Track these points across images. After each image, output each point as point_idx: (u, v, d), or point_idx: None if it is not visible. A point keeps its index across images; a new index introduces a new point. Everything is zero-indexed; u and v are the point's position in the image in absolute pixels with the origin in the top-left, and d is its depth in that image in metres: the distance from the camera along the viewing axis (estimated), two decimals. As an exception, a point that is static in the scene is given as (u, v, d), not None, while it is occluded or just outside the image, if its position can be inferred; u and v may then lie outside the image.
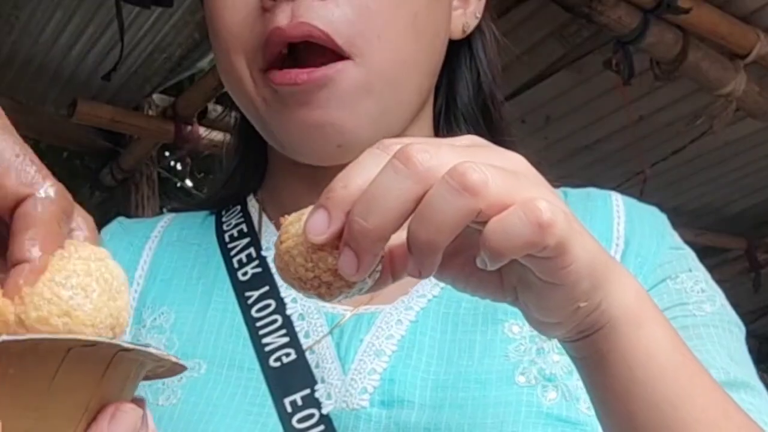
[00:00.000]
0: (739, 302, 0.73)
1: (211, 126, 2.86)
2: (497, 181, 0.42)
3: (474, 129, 0.76)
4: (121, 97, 2.97)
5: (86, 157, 3.61)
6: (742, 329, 0.71)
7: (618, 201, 0.75)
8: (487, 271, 0.44)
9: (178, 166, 4.04)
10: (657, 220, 0.75)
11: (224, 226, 0.77)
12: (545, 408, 0.62)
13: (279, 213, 0.56)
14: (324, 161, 0.68)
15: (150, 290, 0.74)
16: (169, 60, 2.83)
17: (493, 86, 0.78)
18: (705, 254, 0.77)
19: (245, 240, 0.75)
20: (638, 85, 2.50)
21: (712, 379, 0.52)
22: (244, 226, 0.76)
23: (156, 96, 3.09)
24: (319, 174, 0.66)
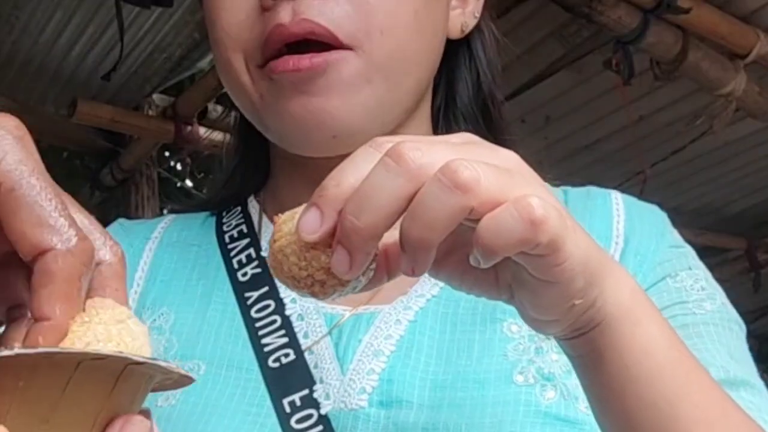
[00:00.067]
0: (739, 302, 0.72)
1: (211, 126, 2.86)
2: (489, 179, 0.42)
3: (474, 128, 0.76)
4: (121, 97, 2.97)
5: (86, 157, 3.61)
6: (743, 327, 0.70)
7: (618, 199, 0.75)
8: (482, 269, 0.44)
9: (178, 167, 4.04)
10: (657, 219, 0.74)
11: (224, 227, 0.77)
12: (544, 407, 0.62)
13: (278, 213, 0.56)
14: (318, 152, 0.68)
15: (150, 291, 0.74)
16: (169, 60, 2.83)
17: (493, 86, 0.78)
18: (705, 254, 0.77)
19: (245, 240, 0.75)
20: (638, 85, 2.50)
21: (709, 377, 0.52)
22: (244, 226, 0.76)
23: (156, 96, 3.10)
24: (319, 174, 0.66)
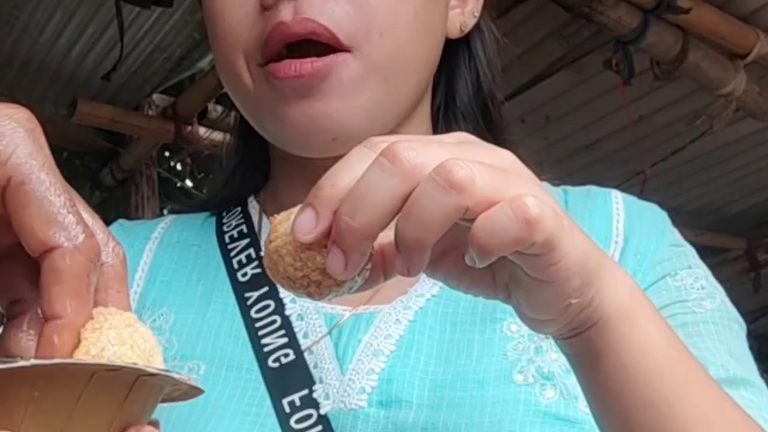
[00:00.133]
0: (739, 302, 0.72)
1: (211, 126, 2.86)
2: (484, 178, 0.42)
3: (473, 128, 0.76)
4: (121, 97, 2.97)
5: (86, 157, 3.60)
6: (743, 326, 0.70)
7: (618, 198, 0.75)
8: (479, 269, 0.44)
9: (178, 167, 4.04)
10: (657, 218, 0.74)
11: (224, 227, 0.77)
12: (543, 406, 0.61)
13: (278, 213, 0.56)
14: (317, 153, 0.68)
15: (150, 291, 0.74)
16: (169, 60, 2.83)
17: (493, 86, 0.78)
18: (705, 254, 0.77)
19: (245, 241, 0.75)
20: (638, 85, 2.50)
21: (708, 376, 0.52)
22: (244, 227, 0.76)
23: (156, 96, 3.10)
24: (318, 174, 0.66)
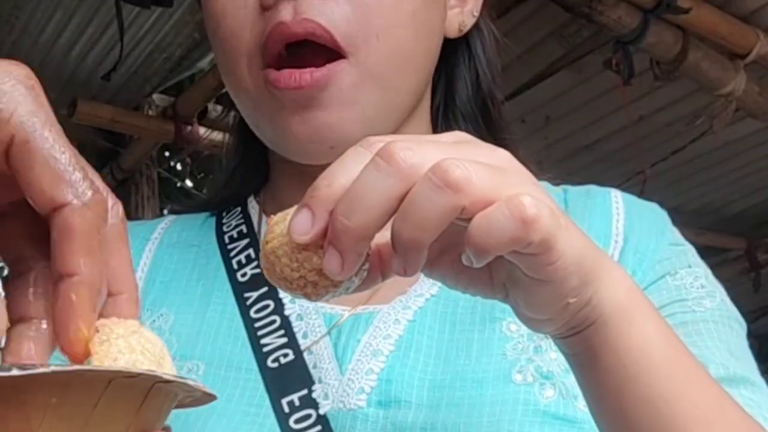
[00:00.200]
0: (739, 302, 0.72)
1: (211, 126, 2.86)
2: (481, 177, 0.42)
3: (473, 128, 0.76)
4: (121, 97, 2.97)
5: (86, 157, 3.59)
6: (743, 325, 0.70)
7: (617, 198, 0.75)
8: (477, 268, 0.44)
9: (178, 167, 4.03)
10: (657, 217, 0.74)
11: (224, 228, 0.77)
12: (542, 406, 0.61)
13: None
14: (315, 161, 0.69)
15: (149, 292, 0.74)
16: (169, 60, 2.83)
17: (492, 85, 0.78)
18: (705, 254, 0.77)
19: (245, 241, 0.75)
20: (638, 85, 2.50)
21: (708, 375, 0.52)
22: (243, 227, 0.76)
23: (156, 96, 3.09)
24: (317, 176, 0.66)
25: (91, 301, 0.37)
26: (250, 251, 0.73)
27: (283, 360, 0.66)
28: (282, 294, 0.70)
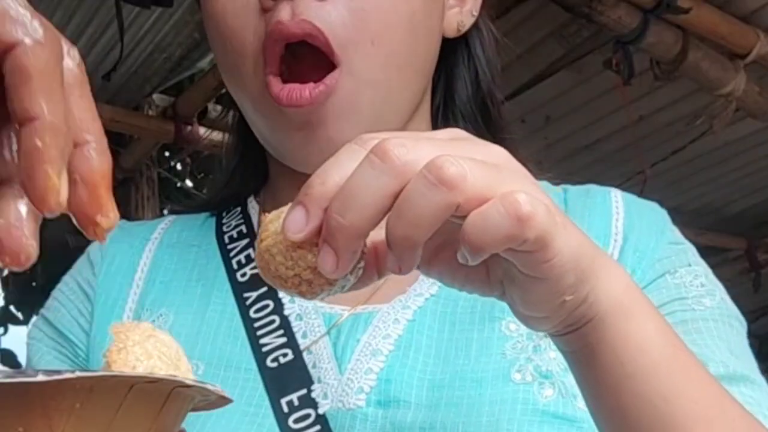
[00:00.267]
0: (739, 302, 0.72)
1: (211, 126, 2.86)
2: (476, 175, 0.41)
3: (473, 127, 0.76)
4: (121, 97, 2.97)
5: (86, 157, 3.59)
6: (743, 323, 0.70)
7: (617, 197, 0.75)
8: (473, 266, 0.44)
9: (178, 167, 4.03)
10: (656, 216, 0.74)
11: (224, 228, 0.77)
12: (541, 405, 0.61)
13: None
14: (314, 170, 0.69)
15: (149, 292, 0.74)
16: (169, 60, 2.83)
17: (492, 85, 0.78)
18: (705, 254, 0.77)
19: (244, 241, 0.75)
20: (638, 85, 2.49)
21: (707, 372, 0.52)
22: (243, 227, 0.76)
23: (156, 96, 3.09)
24: None
25: (58, 146, 0.33)
26: (250, 251, 0.74)
27: (282, 360, 0.66)
28: (282, 294, 0.70)
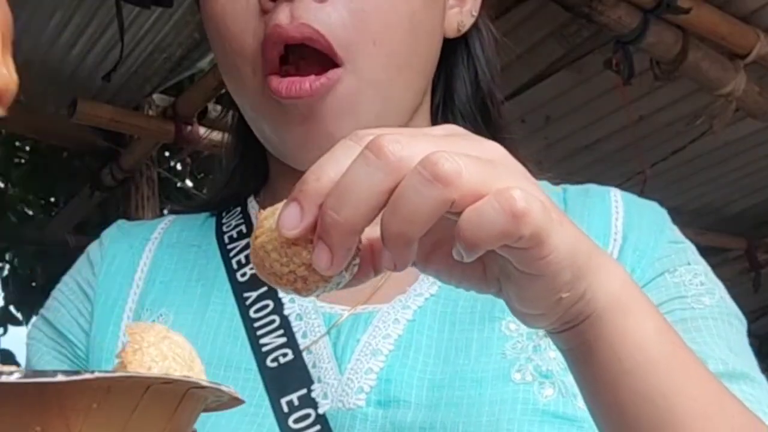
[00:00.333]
0: (739, 302, 0.72)
1: (211, 126, 2.86)
2: (471, 171, 0.41)
3: (472, 126, 0.76)
4: (121, 97, 2.97)
5: (86, 157, 3.60)
6: (743, 322, 0.70)
7: (617, 197, 0.75)
8: (470, 263, 0.44)
9: (178, 167, 4.04)
10: (656, 215, 0.74)
11: (224, 228, 0.77)
12: (541, 405, 0.61)
13: None
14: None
15: (149, 292, 0.74)
16: (169, 60, 2.83)
17: (492, 85, 0.78)
18: (705, 254, 0.77)
19: (244, 241, 0.75)
20: (638, 85, 2.50)
21: (706, 369, 0.52)
22: (243, 227, 0.76)
23: (156, 96, 3.10)
24: None
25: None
26: (250, 251, 0.73)
27: (282, 360, 0.66)
28: (282, 294, 0.70)
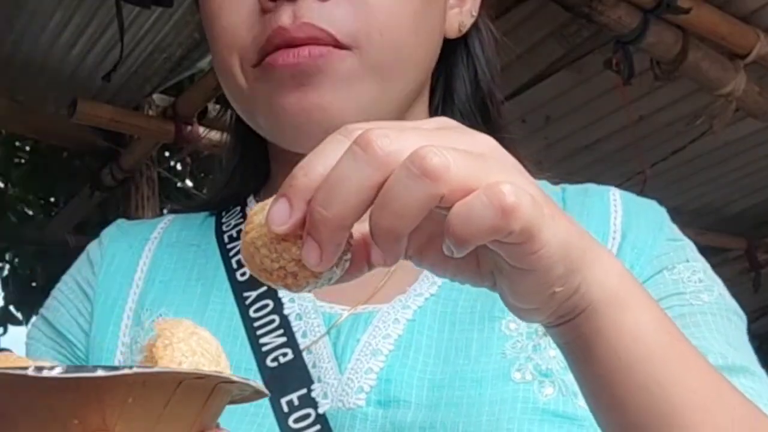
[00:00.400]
0: (739, 302, 0.72)
1: (211, 126, 2.87)
2: (459, 165, 0.41)
3: (472, 126, 0.76)
4: (121, 97, 2.97)
5: (86, 157, 3.61)
6: (743, 318, 0.70)
7: (615, 195, 0.75)
8: (464, 257, 0.43)
9: (178, 167, 4.04)
10: (655, 213, 0.74)
11: (224, 227, 0.77)
12: (542, 404, 0.61)
13: None
14: (309, 148, 0.68)
15: (149, 292, 0.74)
16: (169, 60, 2.83)
17: (492, 84, 0.78)
18: (705, 254, 0.77)
19: (244, 240, 0.75)
20: (638, 85, 2.50)
21: (705, 361, 0.51)
22: (243, 226, 0.76)
23: (156, 96, 3.10)
24: None
25: None
26: (250, 251, 0.73)
27: (282, 359, 0.66)
28: (281, 293, 0.70)
